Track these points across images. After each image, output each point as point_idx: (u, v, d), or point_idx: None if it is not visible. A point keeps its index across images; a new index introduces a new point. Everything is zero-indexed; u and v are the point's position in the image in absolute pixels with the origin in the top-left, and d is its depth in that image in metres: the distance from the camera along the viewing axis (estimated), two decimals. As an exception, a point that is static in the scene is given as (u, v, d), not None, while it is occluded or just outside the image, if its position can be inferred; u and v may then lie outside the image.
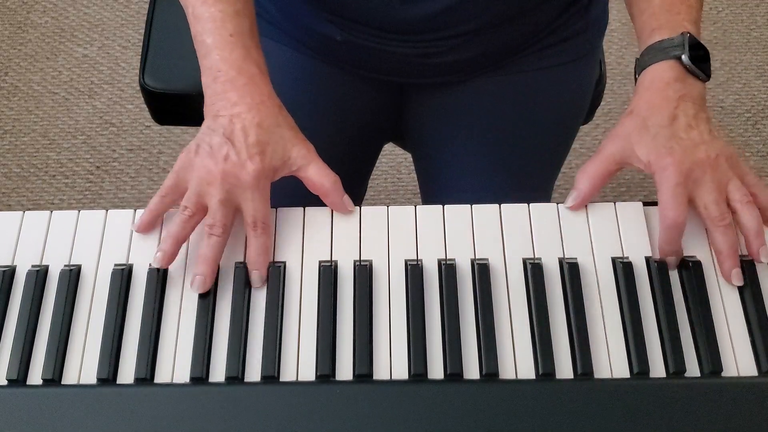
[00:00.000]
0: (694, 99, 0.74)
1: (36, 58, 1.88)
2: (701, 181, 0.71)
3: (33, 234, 0.74)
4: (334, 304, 0.70)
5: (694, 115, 0.73)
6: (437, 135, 0.99)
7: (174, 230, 0.71)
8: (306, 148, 0.75)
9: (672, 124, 0.72)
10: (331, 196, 0.75)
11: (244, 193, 0.71)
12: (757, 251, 0.71)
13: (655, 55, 0.76)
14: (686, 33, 0.75)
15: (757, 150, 1.77)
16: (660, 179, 0.72)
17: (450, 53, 0.90)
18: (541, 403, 0.65)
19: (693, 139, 0.72)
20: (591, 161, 0.76)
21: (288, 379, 0.67)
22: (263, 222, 0.72)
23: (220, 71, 0.74)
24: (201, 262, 0.70)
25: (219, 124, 0.73)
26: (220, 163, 0.71)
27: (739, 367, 0.68)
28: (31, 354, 0.68)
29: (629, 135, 0.74)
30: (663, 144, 0.72)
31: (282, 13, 0.94)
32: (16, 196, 1.72)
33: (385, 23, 0.87)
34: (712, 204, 0.71)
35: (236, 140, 0.72)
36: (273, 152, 0.73)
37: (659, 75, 0.75)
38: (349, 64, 0.95)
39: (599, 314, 0.70)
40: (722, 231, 0.71)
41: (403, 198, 1.71)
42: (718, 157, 0.72)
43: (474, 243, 0.74)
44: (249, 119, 0.72)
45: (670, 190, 0.71)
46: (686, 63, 0.74)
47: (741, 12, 1.95)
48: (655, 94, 0.74)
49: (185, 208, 0.71)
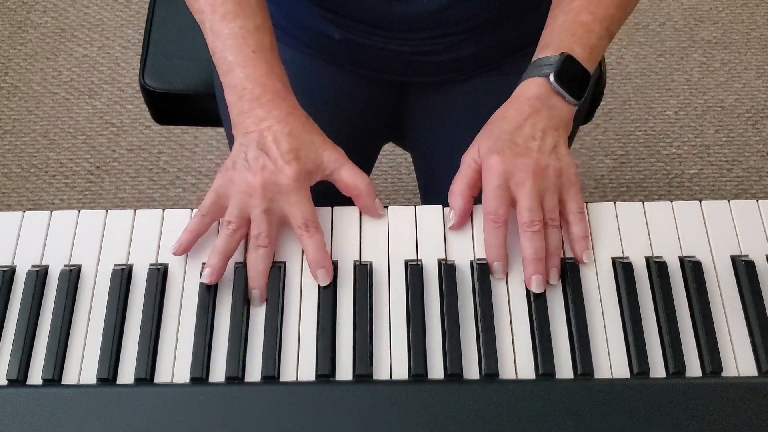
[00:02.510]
0: (550, 116, 0.75)
1: (36, 58, 1.88)
2: (522, 186, 0.72)
3: (33, 234, 0.74)
4: (334, 304, 0.70)
5: (542, 129, 0.74)
6: (436, 134, 0.99)
7: (221, 246, 0.71)
8: (337, 152, 0.76)
9: (515, 131, 0.73)
10: (364, 198, 0.75)
11: (287, 197, 0.72)
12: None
13: (530, 71, 0.77)
14: (564, 54, 0.75)
15: (757, 150, 1.77)
16: (484, 178, 0.73)
17: (448, 51, 0.90)
18: (541, 403, 0.65)
19: (528, 147, 0.73)
20: (454, 181, 0.76)
21: (288, 379, 0.67)
22: (313, 221, 0.72)
23: (245, 89, 0.75)
24: (255, 276, 0.71)
25: (251, 139, 0.73)
26: (258, 174, 0.72)
27: (739, 367, 0.68)
28: (31, 354, 0.68)
29: (479, 140, 0.75)
30: (498, 145, 0.73)
31: (281, 11, 0.94)
32: (16, 196, 1.72)
33: (382, 21, 0.87)
34: (525, 210, 0.71)
35: (270, 150, 0.72)
36: (306, 157, 0.73)
37: (524, 90, 0.76)
38: (347, 62, 0.95)
39: (599, 314, 0.70)
40: (528, 237, 0.71)
41: (403, 198, 1.71)
42: (547, 167, 0.72)
43: (474, 243, 0.74)
44: (279, 130, 0.73)
45: (491, 191, 0.72)
46: (552, 82, 0.75)
47: (741, 12, 1.95)
48: (512, 105, 0.76)
49: (229, 223, 0.72)
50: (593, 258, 0.73)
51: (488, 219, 0.72)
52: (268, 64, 0.76)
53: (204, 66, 1.09)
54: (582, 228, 0.73)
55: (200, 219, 0.73)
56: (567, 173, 0.74)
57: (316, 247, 0.71)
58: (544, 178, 0.72)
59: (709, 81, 1.84)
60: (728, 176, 1.74)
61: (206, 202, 0.73)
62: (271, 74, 0.76)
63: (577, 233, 0.73)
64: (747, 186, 1.72)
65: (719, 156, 1.76)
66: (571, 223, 0.73)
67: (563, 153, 0.74)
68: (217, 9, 0.77)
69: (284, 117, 0.74)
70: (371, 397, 0.65)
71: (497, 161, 0.72)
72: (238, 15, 0.77)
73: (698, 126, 1.78)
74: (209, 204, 0.73)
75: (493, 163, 0.72)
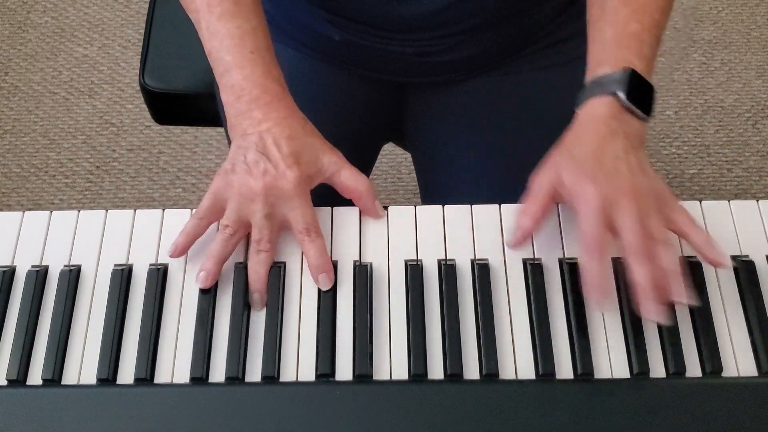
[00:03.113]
0: (626, 135, 0.71)
1: (36, 58, 1.88)
2: (621, 211, 0.67)
3: (33, 234, 0.74)
4: (334, 304, 0.70)
5: (623, 150, 0.70)
6: (437, 134, 0.99)
7: (216, 250, 0.71)
8: (336, 155, 0.76)
9: (597, 153, 0.70)
10: (364, 200, 0.75)
11: (289, 202, 0.72)
12: (674, 292, 0.66)
13: (593, 90, 0.73)
14: (628, 69, 0.72)
15: (757, 150, 1.77)
16: (579, 206, 0.68)
17: (448, 52, 0.90)
18: (541, 403, 0.65)
19: (619, 169, 0.69)
20: (526, 199, 0.72)
21: (288, 379, 0.67)
22: (314, 226, 0.72)
23: (243, 90, 0.74)
24: (255, 280, 0.70)
25: (250, 142, 0.73)
26: (260, 179, 0.71)
27: (739, 367, 0.68)
28: (31, 354, 0.68)
29: (556, 165, 0.71)
30: (586, 171, 0.69)
31: (281, 12, 0.94)
32: (16, 196, 1.72)
33: (382, 22, 0.87)
34: (631, 234, 0.66)
35: (271, 154, 0.72)
36: (307, 161, 0.73)
37: (593, 111, 0.73)
38: (348, 63, 0.95)
39: (600, 314, 0.70)
40: (640, 262, 0.66)
41: (403, 198, 1.71)
42: (643, 189, 0.69)
43: (474, 243, 0.74)
44: (278, 132, 0.73)
45: (589, 218, 0.67)
46: (623, 100, 0.71)
47: (741, 12, 1.95)
48: (586, 128, 0.72)
49: (226, 227, 0.71)
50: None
51: (588, 249, 0.66)
52: (265, 65, 0.76)
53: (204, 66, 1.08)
54: (702, 235, 0.69)
55: (197, 222, 0.72)
56: (662, 191, 0.70)
57: (317, 252, 0.71)
58: (643, 200, 0.68)
59: (709, 81, 1.84)
60: (728, 176, 1.74)
61: (203, 205, 0.73)
62: (268, 75, 0.75)
63: (700, 241, 0.69)
64: (747, 186, 1.72)
65: (719, 156, 1.76)
66: (689, 234, 0.69)
67: (651, 171, 0.71)
68: (214, 8, 0.76)
69: (283, 119, 0.74)
70: (371, 397, 0.65)
71: (592, 188, 0.67)
72: (235, 15, 0.76)
73: (698, 126, 1.78)
74: (207, 207, 0.73)
75: (587, 190, 0.68)
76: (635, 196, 0.68)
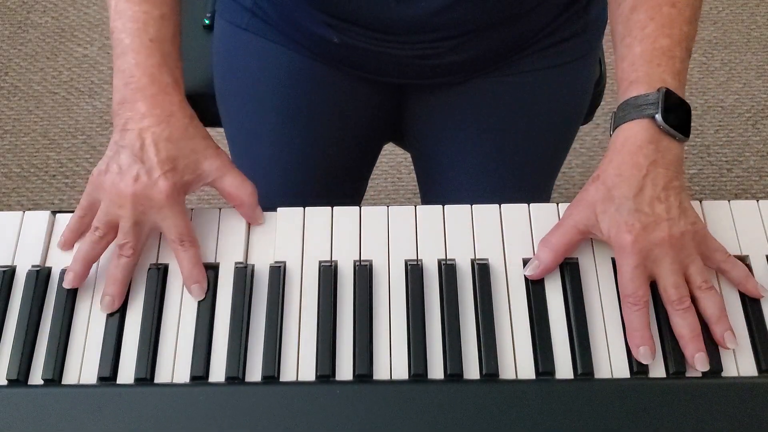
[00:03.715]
0: (667, 165, 0.70)
1: (36, 58, 1.88)
2: (660, 262, 0.68)
3: (33, 234, 0.74)
4: (334, 304, 0.70)
5: (664, 186, 0.69)
6: (437, 135, 0.99)
7: (84, 251, 0.71)
8: (219, 159, 0.74)
9: (637, 196, 0.68)
10: (244, 208, 0.74)
11: (159, 212, 0.71)
12: (722, 337, 0.68)
13: (629, 113, 0.71)
14: (663, 89, 0.70)
15: (757, 150, 1.77)
16: (618, 258, 0.69)
17: (448, 54, 0.90)
18: (541, 403, 0.65)
19: (658, 214, 0.68)
20: (554, 231, 0.72)
21: (288, 379, 0.67)
22: (188, 235, 0.71)
23: (132, 76, 0.73)
24: (110, 282, 0.70)
25: (127, 141, 0.71)
26: (130, 185, 0.70)
27: (739, 367, 0.68)
28: (31, 354, 0.68)
29: (594, 204, 0.70)
30: (625, 218, 0.68)
31: (279, 15, 0.94)
32: (16, 196, 1.72)
33: (381, 25, 0.87)
34: (671, 287, 0.68)
35: (146, 158, 0.70)
36: (185, 167, 0.72)
37: (632, 135, 0.70)
38: (347, 65, 0.95)
39: (599, 314, 0.70)
40: (681, 315, 0.67)
41: (403, 198, 1.71)
42: (682, 235, 0.68)
43: (474, 243, 0.74)
44: (158, 133, 0.71)
45: (628, 273, 0.68)
46: (660, 123, 0.69)
47: (741, 12, 1.95)
48: (626, 158, 0.70)
49: (96, 229, 0.71)
50: (593, 258, 0.73)
51: (628, 302, 0.68)
52: (162, 56, 0.74)
53: (204, 66, 1.09)
54: (740, 269, 0.70)
55: (78, 220, 0.73)
56: (700, 232, 0.70)
57: (190, 262, 0.71)
58: (682, 248, 0.68)
59: (709, 81, 1.84)
60: (728, 176, 1.74)
61: (82, 204, 0.73)
62: (163, 66, 0.73)
63: (738, 276, 0.70)
64: (747, 186, 1.73)
65: (719, 156, 1.76)
66: (727, 270, 0.70)
67: (689, 209, 0.70)
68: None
69: (165, 118, 0.72)
70: (371, 397, 0.65)
71: (630, 240, 0.67)
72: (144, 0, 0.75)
73: (698, 126, 1.78)
74: (85, 206, 0.73)
75: (626, 242, 0.68)
76: (673, 245, 0.68)
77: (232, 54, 0.98)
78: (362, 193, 1.11)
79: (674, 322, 0.68)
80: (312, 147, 0.97)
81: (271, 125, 0.96)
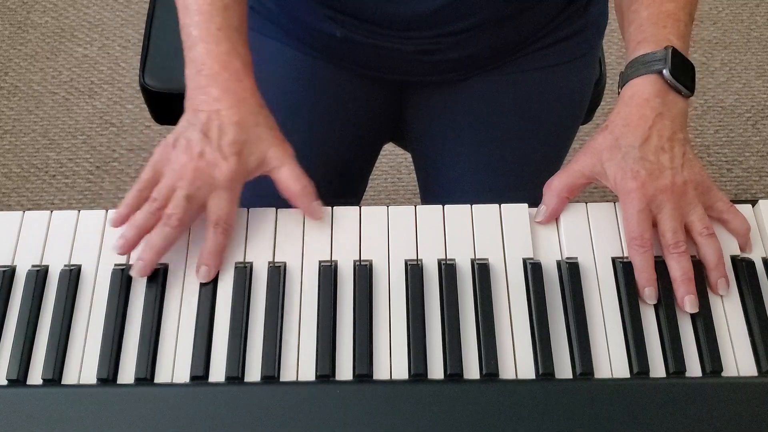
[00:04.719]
0: (672, 117, 0.73)
1: (36, 58, 1.88)
2: (663, 207, 0.71)
3: (33, 234, 0.74)
4: (334, 304, 0.70)
5: (668, 137, 0.72)
6: (437, 134, 0.99)
7: (140, 220, 0.71)
8: (282, 150, 0.74)
9: (643, 145, 0.72)
10: (298, 200, 0.74)
11: (214, 191, 0.71)
12: (715, 283, 0.71)
13: (637, 69, 0.75)
14: (669, 47, 0.74)
15: (757, 150, 1.77)
16: (624, 203, 0.72)
17: (449, 50, 0.90)
18: (541, 403, 0.65)
19: (662, 163, 0.71)
20: (557, 174, 0.76)
21: (288, 379, 0.67)
22: (226, 222, 0.71)
23: (204, 64, 0.74)
24: (148, 248, 0.70)
25: (198, 119, 0.72)
26: (195, 159, 0.71)
27: (739, 367, 0.68)
28: (31, 354, 0.68)
29: (601, 151, 0.73)
30: (630, 166, 0.71)
31: (282, 10, 0.94)
32: (16, 196, 1.72)
33: (384, 19, 0.87)
34: (669, 231, 0.71)
35: (213, 137, 0.71)
36: (249, 153, 0.73)
37: (640, 89, 0.74)
38: (348, 61, 0.95)
39: (599, 314, 0.70)
40: (675, 258, 0.70)
41: (403, 198, 1.71)
42: (685, 183, 0.71)
43: (474, 243, 0.74)
44: (228, 116, 0.72)
45: (634, 216, 0.71)
46: (667, 78, 0.73)
47: (741, 12, 1.95)
48: (633, 110, 0.73)
49: (154, 200, 0.71)
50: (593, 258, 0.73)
51: (634, 244, 0.71)
52: (231, 43, 0.75)
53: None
54: (740, 220, 0.73)
55: (138, 193, 0.72)
56: (703, 181, 0.73)
57: (213, 248, 0.71)
58: (684, 196, 0.71)
59: (709, 81, 1.84)
60: (728, 176, 1.74)
61: (143, 177, 0.73)
62: (232, 52, 0.75)
63: (738, 227, 0.73)
64: (747, 186, 1.73)
65: (719, 156, 1.76)
66: (728, 221, 0.73)
67: (693, 160, 0.73)
68: None
69: (237, 102, 0.73)
70: (371, 397, 0.65)
71: (635, 186, 0.71)
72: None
73: (698, 126, 1.78)
74: (146, 179, 0.73)
75: (632, 187, 0.71)
76: (675, 193, 0.71)
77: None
78: (362, 193, 1.11)
79: (669, 265, 0.71)
80: (312, 145, 0.97)
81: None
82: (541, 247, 0.74)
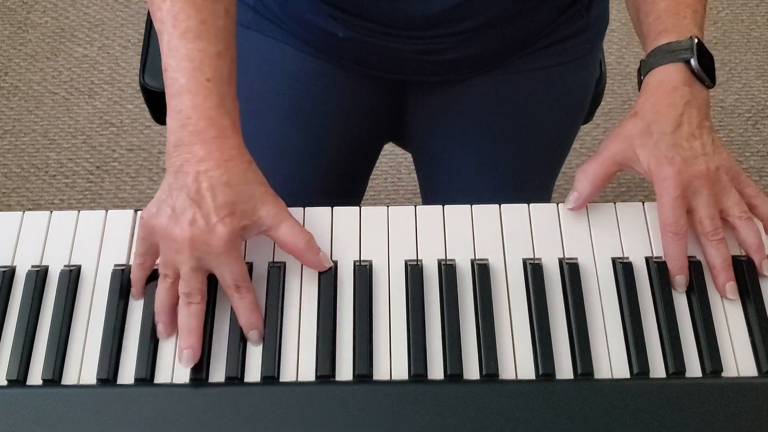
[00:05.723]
0: (698, 106, 0.74)
1: (36, 58, 1.88)
2: (699, 194, 0.71)
3: (33, 234, 0.74)
4: (334, 304, 0.70)
5: (698, 124, 0.73)
6: (437, 134, 0.99)
7: (162, 299, 0.69)
8: (276, 206, 0.70)
9: (675, 132, 0.72)
10: (305, 257, 0.70)
11: (217, 258, 0.67)
12: (759, 265, 0.72)
13: (662, 57, 0.75)
14: (695, 37, 0.75)
15: (757, 150, 1.77)
16: (659, 190, 0.72)
17: (451, 51, 0.90)
18: (541, 403, 0.65)
19: (694, 149, 0.72)
20: (591, 161, 0.75)
21: (288, 379, 0.67)
22: (244, 281, 0.68)
23: (189, 119, 0.69)
24: (185, 334, 0.67)
25: (182, 183, 0.68)
26: (186, 229, 0.66)
27: (739, 367, 0.68)
28: (31, 354, 0.68)
29: (632, 138, 0.73)
30: (664, 152, 0.71)
31: (283, 9, 0.93)
32: (16, 196, 1.72)
33: (387, 19, 0.87)
34: (707, 218, 0.71)
35: (203, 202, 0.67)
36: (242, 212, 0.68)
37: (667, 77, 0.74)
38: (350, 61, 0.95)
39: (599, 314, 0.70)
40: (715, 245, 0.71)
41: (403, 198, 1.71)
42: (718, 169, 0.72)
43: (474, 243, 0.74)
44: (216, 177, 0.68)
45: (670, 203, 0.71)
46: (695, 67, 0.74)
47: (741, 12, 1.95)
48: (661, 98, 0.74)
49: (165, 276, 0.68)
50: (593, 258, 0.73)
51: (668, 231, 0.71)
52: (220, 97, 0.70)
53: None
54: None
55: (139, 267, 0.70)
56: (732, 166, 0.73)
57: (247, 309, 0.68)
58: (718, 182, 0.72)
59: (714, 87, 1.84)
60: (728, 176, 1.73)
61: (139, 250, 0.70)
62: (221, 108, 0.70)
63: (766, 212, 0.74)
64: (747, 186, 1.72)
65: (719, 156, 1.76)
66: (757, 206, 0.74)
67: (721, 147, 0.73)
68: (179, 24, 0.70)
69: (224, 162, 0.68)
70: (371, 397, 0.65)
71: (671, 172, 0.71)
72: (199, 36, 0.70)
73: (698, 126, 1.78)
74: (142, 252, 0.70)
75: (668, 174, 0.71)
76: (709, 179, 0.71)
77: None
78: (362, 193, 1.11)
79: (708, 252, 0.71)
80: (313, 145, 0.97)
81: (273, 124, 0.96)
82: (542, 247, 0.74)
